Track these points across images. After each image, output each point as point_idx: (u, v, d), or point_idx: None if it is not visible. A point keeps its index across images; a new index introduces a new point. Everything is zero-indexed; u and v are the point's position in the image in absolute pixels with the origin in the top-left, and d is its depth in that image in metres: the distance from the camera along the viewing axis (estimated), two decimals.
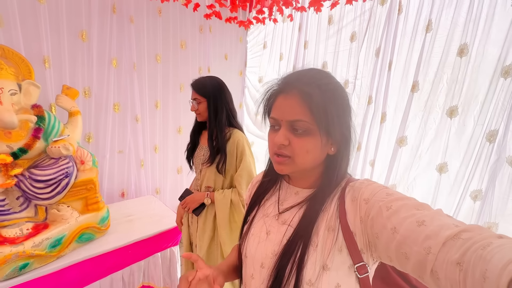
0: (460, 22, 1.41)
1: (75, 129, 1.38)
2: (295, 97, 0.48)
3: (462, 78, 1.43)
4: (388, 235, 0.40)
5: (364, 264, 0.47)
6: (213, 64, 2.37)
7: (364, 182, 0.51)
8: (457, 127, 1.48)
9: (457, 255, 0.32)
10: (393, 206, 0.42)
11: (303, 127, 0.48)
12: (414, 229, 0.37)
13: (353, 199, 0.49)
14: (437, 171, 1.56)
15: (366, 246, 0.47)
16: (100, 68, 1.68)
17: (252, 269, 0.57)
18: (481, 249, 0.30)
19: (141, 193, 2.02)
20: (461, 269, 0.31)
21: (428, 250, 0.35)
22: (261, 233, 0.57)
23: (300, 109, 0.48)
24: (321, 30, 2.04)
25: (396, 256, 0.39)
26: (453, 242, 0.33)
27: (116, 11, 1.69)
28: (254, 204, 0.64)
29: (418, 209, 0.40)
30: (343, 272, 0.47)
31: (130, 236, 1.38)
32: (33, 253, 1.05)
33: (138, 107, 1.90)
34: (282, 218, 0.56)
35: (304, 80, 0.50)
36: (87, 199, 1.29)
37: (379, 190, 0.46)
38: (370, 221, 0.44)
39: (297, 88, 0.49)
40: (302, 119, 0.48)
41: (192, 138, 1.34)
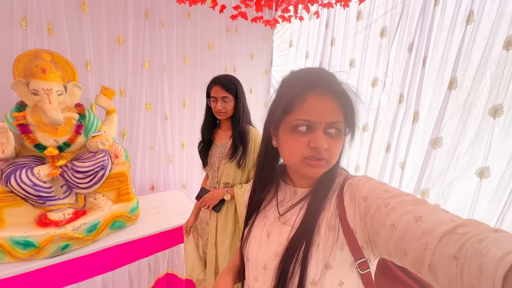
0: (508, 11, 1.26)
1: (111, 126, 1.51)
2: (331, 98, 0.48)
3: (508, 73, 1.28)
4: (387, 232, 0.41)
5: (366, 260, 0.47)
6: (238, 64, 2.42)
7: (362, 179, 0.51)
8: (501, 128, 1.32)
9: (454, 249, 0.32)
10: (391, 203, 0.42)
11: (340, 128, 0.49)
12: (412, 225, 0.37)
13: (351, 197, 0.49)
14: (477, 176, 1.41)
15: (366, 242, 0.47)
16: (134, 70, 1.82)
17: (255, 272, 0.57)
18: (477, 243, 0.30)
19: (169, 187, 2.14)
20: (458, 263, 0.31)
21: (425, 246, 0.35)
22: (262, 235, 0.58)
23: (337, 110, 0.48)
24: (349, 26, 1.96)
25: (395, 252, 0.40)
26: (450, 237, 0.33)
27: (149, 16, 1.81)
28: (253, 207, 0.63)
29: (415, 205, 0.40)
30: (345, 269, 0.48)
31: (157, 226, 1.47)
32: (73, 236, 1.18)
33: (167, 106, 2.02)
34: (283, 219, 0.57)
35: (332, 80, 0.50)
36: (119, 190, 1.41)
37: (377, 187, 0.46)
38: (369, 219, 0.44)
39: (330, 88, 0.48)
40: (340, 120, 0.49)
41: (206, 136, 1.31)
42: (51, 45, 1.47)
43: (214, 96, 1.19)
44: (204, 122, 1.31)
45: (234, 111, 1.21)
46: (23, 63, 1.19)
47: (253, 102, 2.64)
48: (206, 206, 1.28)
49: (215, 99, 1.19)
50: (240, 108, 1.21)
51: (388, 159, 1.77)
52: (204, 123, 1.31)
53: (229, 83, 1.18)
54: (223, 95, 1.17)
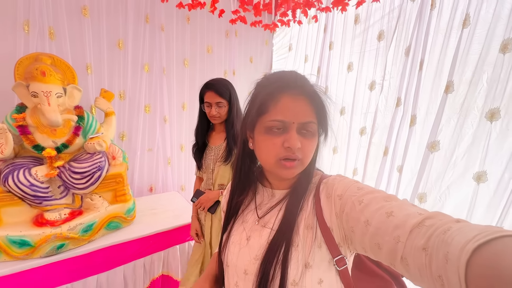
0: (504, 15, 1.26)
1: (109, 128, 1.53)
2: (303, 98, 0.49)
3: (505, 77, 1.27)
4: (362, 228, 0.42)
5: (343, 257, 0.49)
6: (238, 67, 2.44)
7: (337, 178, 0.53)
8: (498, 131, 1.31)
9: (422, 241, 0.34)
10: (364, 200, 0.43)
11: (312, 128, 0.50)
12: (384, 220, 0.39)
13: (327, 196, 0.51)
14: (474, 180, 1.40)
15: (343, 239, 0.48)
16: (134, 73, 1.85)
17: (235, 277, 0.56)
18: (443, 233, 0.32)
19: (168, 189, 2.15)
20: (426, 254, 0.33)
21: (397, 239, 0.37)
22: (241, 240, 0.57)
23: (309, 110, 0.49)
24: (347, 30, 1.98)
25: (370, 247, 0.41)
26: (418, 229, 0.35)
27: (149, 20, 1.84)
28: (231, 212, 0.62)
29: (387, 201, 0.42)
30: (324, 267, 0.49)
31: (153, 228, 1.48)
32: (69, 235, 1.19)
33: (166, 109, 2.04)
34: (262, 222, 0.56)
35: (304, 80, 0.51)
36: (116, 191, 1.43)
37: (351, 185, 0.48)
38: (345, 216, 0.46)
39: (302, 89, 0.49)
40: (313, 120, 0.50)
41: (200, 138, 1.33)
42: (52, 48, 1.51)
43: (208, 102, 1.20)
44: (198, 125, 1.34)
45: (228, 115, 1.23)
46: (23, 66, 1.22)
47: None
48: (202, 207, 1.30)
49: (209, 105, 1.20)
50: (234, 112, 1.22)
51: (386, 162, 1.76)
52: (197, 126, 1.34)
53: (223, 88, 1.19)
54: (217, 101, 1.18)
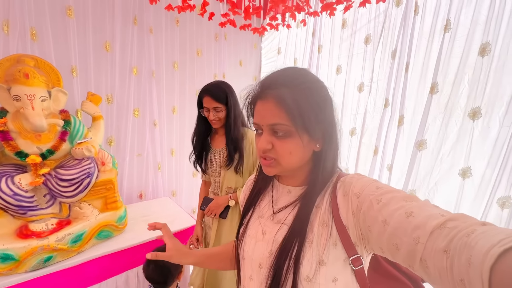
0: (481, 21, 1.35)
1: (98, 132, 1.47)
2: (271, 101, 0.49)
3: (484, 78, 1.35)
4: (380, 228, 0.41)
5: (359, 257, 0.48)
6: (227, 71, 2.44)
7: (355, 176, 0.52)
8: (480, 129, 1.39)
9: (444, 243, 0.33)
10: (383, 199, 0.43)
11: (282, 129, 0.49)
12: (403, 220, 0.38)
13: (344, 194, 0.50)
14: (460, 176, 1.47)
15: (359, 239, 0.48)
16: (122, 76, 1.79)
17: (250, 270, 0.57)
18: (466, 236, 0.31)
19: (158, 195, 2.09)
20: (448, 257, 0.32)
21: (417, 240, 0.36)
22: (257, 234, 0.58)
23: (277, 112, 0.48)
24: (335, 34, 2.03)
25: (388, 247, 0.41)
26: (440, 231, 0.34)
27: (137, 23, 1.80)
28: (249, 206, 0.64)
29: (407, 201, 0.41)
30: (339, 265, 0.48)
31: (146, 235, 1.43)
32: (57, 247, 1.12)
33: (156, 113, 1.99)
34: (277, 218, 0.57)
35: (278, 82, 0.50)
36: (106, 198, 1.37)
37: (369, 184, 0.47)
38: (362, 215, 0.45)
39: (271, 92, 0.49)
40: (279, 122, 0.49)
41: (200, 143, 1.31)
42: (34, 50, 1.43)
43: (206, 107, 1.20)
44: (196, 131, 1.31)
45: (226, 119, 1.21)
46: (4, 68, 1.15)
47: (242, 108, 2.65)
48: (213, 214, 1.27)
49: (207, 109, 1.20)
50: (231, 116, 1.20)
51: (376, 162, 1.81)
52: (195, 131, 1.31)
53: (219, 93, 1.18)
54: (214, 106, 1.17)
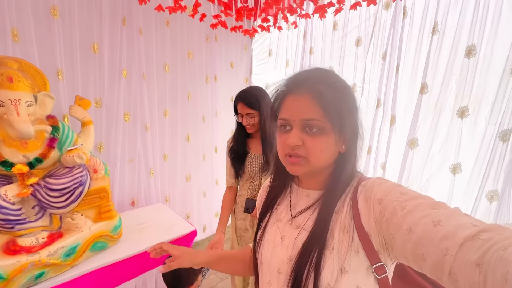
0: (467, 24, 1.42)
1: (88, 138, 1.40)
2: (307, 96, 0.48)
3: (471, 78, 1.42)
4: (404, 236, 0.39)
5: (382, 265, 0.46)
6: (219, 72, 2.41)
7: (376, 181, 0.50)
8: (468, 127, 1.46)
9: (476, 256, 0.31)
10: (407, 206, 0.40)
11: (317, 125, 0.48)
12: (430, 229, 0.36)
13: (366, 199, 0.48)
14: (450, 172, 1.54)
15: (382, 246, 0.45)
16: (111, 78, 1.72)
17: (269, 276, 0.56)
18: (502, 250, 0.29)
19: (151, 202, 2.02)
20: (480, 271, 0.30)
21: (445, 251, 0.34)
22: (275, 239, 0.57)
23: (313, 107, 0.48)
24: (326, 36, 2.06)
25: (413, 257, 0.39)
26: (472, 243, 0.32)
27: (126, 23, 1.74)
28: (266, 210, 0.63)
29: (434, 208, 0.38)
30: (361, 273, 0.46)
31: (142, 244, 1.37)
32: (49, 262, 1.05)
33: (147, 116, 1.93)
34: (296, 222, 0.56)
35: (313, 79, 0.50)
36: (100, 207, 1.30)
37: (392, 189, 0.45)
38: (385, 222, 0.43)
39: (307, 87, 0.49)
40: (315, 117, 0.48)
41: (239, 147, 1.33)
42: (16, 52, 1.34)
43: (240, 113, 1.24)
44: (235, 135, 1.36)
45: (260, 124, 1.24)
46: None
47: None
48: None
49: (241, 115, 1.24)
50: (266, 123, 1.23)
51: (370, 160, 1.86)
52: (235, 135, 1.36)
53: (252, 99, 1.22)
54: (247, 112, 1.22)
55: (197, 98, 2.26)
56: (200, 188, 2.44)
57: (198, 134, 2.32)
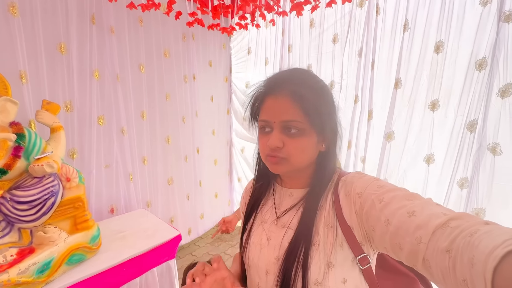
0: (434, 21, 1.49)
1: (59, 145, 1.31)
2: (286, 98, 0.48)
3: (440, 73, 1.50)
4: (382, 227, 0.41)
5: (366, 256, 0.48)
6: (198, 72, 2.36)
7: (356, 175, 0.51)
8: (439, 119, 1.54)
9: (446, 243, 0.32)
10: (385, 198, 0.42)
11: (297, 127, 0.48)
12: (405, 220, 0.38)
13: (346, 194, 0.50)
14: (425, 162, 1.62)
15: (364, 238, 0.47)
16: (82, 80, 1.62)
17: (257, 278, 0.56)
18: (469, 236, 0.31)
19: (132, 208, 1.94)
20: (450, 256, 0.32)
21: (419, 240, 0.35)
22: (261, 240, 0.56)
23: (292, 109, 0.48)
24: (304, 33, 2.08)
25: (391, 247, 0.40)
26: (442, 230, 0.34)
27: (96, 22, 1.64)
28: (250, 212, 0.62)
29: (409, 199, 0.40)
30: (347, 266, 0.48)
31: (124, 253, 1.31)
32: (19, 281, 0.97)
33: (123, 119, 1.84)
34: (281, 222, 0.56)
35: (292, 80, 0.50)
36: (75, 218, 1.22)
37: (371, 182, 0.47)
38: (365, 215, 0.45)
39: (286, 88, 0.49)
40: (295, 119, 0.48)
41: None
42: None
43: None
44: None
45: None
46: None
47: (215, 110, 2.59)
48: None
49: None
50: None
51: (351, 155, 1.91)
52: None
53: None
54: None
55: (176, 98, 2.19)
56: (183, 191, 2.38)
57: (179, 135, 2.26)
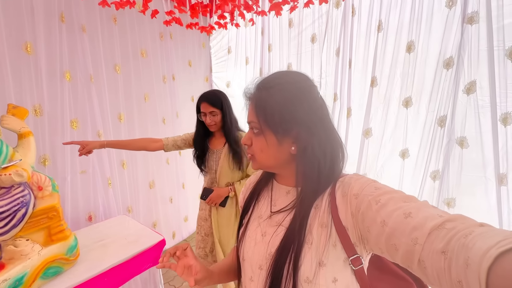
0: (406, 22, 1.57)
1: (28, 152, 1.22)
2: (251, 101, 0.55)
3: (412, 72, 1.58)
4: (378, 228, 0.41)
5: (358, 257, 0.48)
6: (177, 71, 2.31)
7: (353, 177, 0.51)
8: (413, 115, 1.63)
9: (442, 244, 0.33)
10: (381, 200, 0.43)
11: (256, 127, 0.53)
12: (402, 221, 0.38)
13: (343, 194, 0.50)
14: (400, 157, 1.70)
15: (358, 239, 0.48)
16: (52, 82, 1.53)
17: (250, 272, 0.57)
18: (464, 237, 0.31)
19: (111, 214, 1.86)
20: (446, 258, 0.32)
21: (415, 241, 0.36)
22: (256, 235, 0.58)
23: (252, 111, 0.54)
24: (283, 33, 2.11)
25: (387, 248, 0.41)
26: (438, 232, 0.34)
27: (65, 20, 1.55)
28: (248, 206, 0.64)
29: (405, 202, 0.41)
30: (338, 266, 0.48)
31: (104, 262, 1.26)
32: None
33: (99, 122, 1.76)
34: (275, 219, 0.57)
35: (259, 84, 0.55)
36: (49, 228, 1.15)
37: (368, 184, 0.47)
38: (360, 216, 0.45)
39: (253, 92, 0.55)
40: (252, 120, 0.53)
41: (201, 146, 1.44)
42: None
43: (203, 112, 1.33)
44: (196, 135, 1.45)
45: (223, 122, 1.35)
46: None
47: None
48: (213, 203, 1.43)
49: (204, 114, 1.33)
50: (227, 120, 1.34)
51: None
52: (195, 135, 1.45)
53: (215, 99, 1.32)
54: (210, 110, 1.31)
55: (155, 99, 2.13)
56: (165, 194, 2.32)
57: (159, 137, 2.18)
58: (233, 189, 1.43)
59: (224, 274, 0.68)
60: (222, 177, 1.43)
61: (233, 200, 1.46)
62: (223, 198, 1.42)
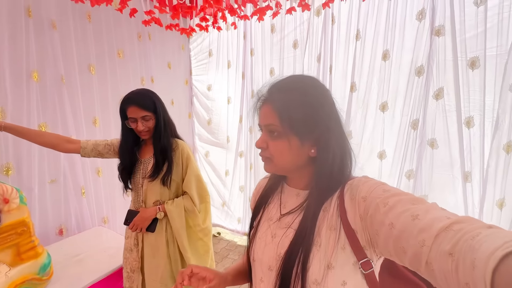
0: (381, 32, 1.68)
1: None
2: (268, 104, 0.53)
3: (387, 78, 1.69)
4: (386, 231, 0.41)
5: (368, 260, 0.48)
6: (156, 74, 2.22)
7: (362, 179, 0.52)
8: (389, 119, 1.74)
9: (449, 246, 0.33)
10: (389, 202, 0.43)
11: (275, 130, 0.52)
12: (409, 223, 0.38)
13: (351, 197, 0.50)
14: (378, 158, 1.80)
15: (368, 242, 0.48)
16: (16, 83, 1.38)
17: (261, 273, 0.58)
18: (471, 239, 0.31)
19: (85, 226, 1.72)
20: (453, 259, 0.32)
21: (422, 243, 0.36)
22: (266, 237, 0.58)
23: (270, 114, 0.52)
24: (266, 38, 2.13)
25: (395, 251, 0.41)
26: (445, 233, 0.34)
27: (32, 15, 1.41)
28: (258, 208, 0.64)
29: (413, 204, 0.41)
30: (348, 269, 0.48)
31: (83, 280, 1.16)
32: None
33: (71, 127, 1.63)
34: (285, 221, 0.57)
35: (277, 88, 0.54)
36: (18, 246, 1.03)
37: (376, 187, 0.48)
38: (369, 218, 0.45)
39: (270, 96, 0.54)
40: (272, 123, 0.52)
41: (128, 156, 1.17)
42: None
43: (132, 117, 1.08)
44: (122, 143, 1.18)
45: (155, 127, 1.12)
46: None
47: (176, 113, 2.47)
48: (139, 229, 1.15)
49: (134, 120, 1.08)
50: (160, 123, 1.12)
51: None
52: (121, 144, 1.18)
53: (146, 101, 1.08)
54: (142, 115, 1.07)
55: None
56: None
57: None
58: (162, 209, 1.16)
59: (240, 276, 0.69)
60: (149, 194, 1.16)
61: (163, 223, 1.18)
62: (149, 221, 1.14)
